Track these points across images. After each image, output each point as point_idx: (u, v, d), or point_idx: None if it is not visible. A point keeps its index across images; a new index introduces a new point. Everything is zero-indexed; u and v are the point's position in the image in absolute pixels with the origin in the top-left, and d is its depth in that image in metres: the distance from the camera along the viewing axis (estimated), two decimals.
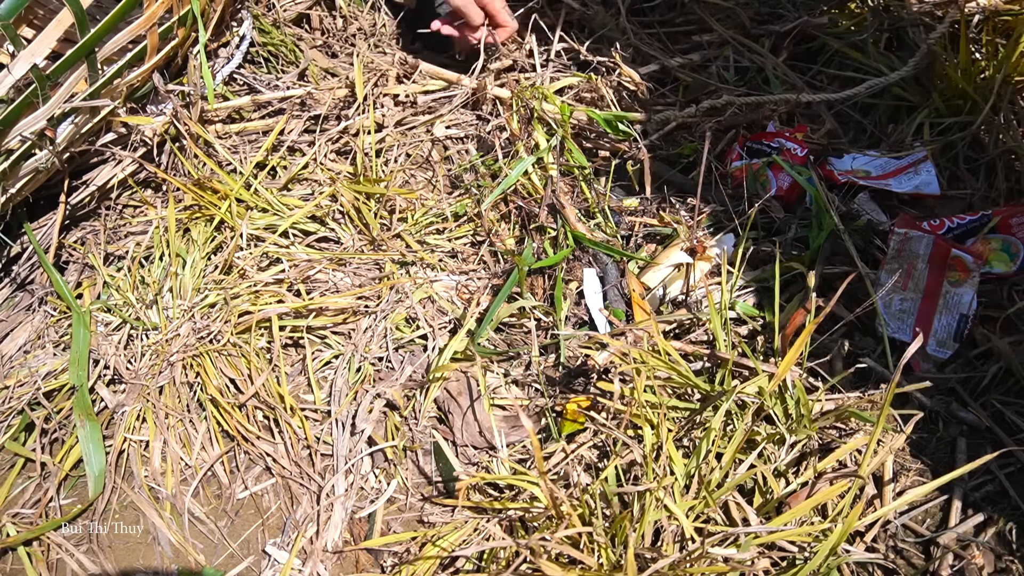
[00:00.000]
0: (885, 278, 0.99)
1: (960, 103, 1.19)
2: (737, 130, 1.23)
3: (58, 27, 0.95)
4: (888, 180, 1.12)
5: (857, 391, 0.94)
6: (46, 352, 1.07)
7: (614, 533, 0.76)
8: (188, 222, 1.17)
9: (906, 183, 1.12)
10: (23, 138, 1.01)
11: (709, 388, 0.89)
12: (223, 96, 1.28)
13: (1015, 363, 0.93)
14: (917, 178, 1.12)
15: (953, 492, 0.89)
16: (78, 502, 0.96)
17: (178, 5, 1.12)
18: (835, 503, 0.84)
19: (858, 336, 1.01)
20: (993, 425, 0.92)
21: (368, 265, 1.13)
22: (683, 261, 1.01)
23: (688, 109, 1.21)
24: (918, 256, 1.00)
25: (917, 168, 1.13)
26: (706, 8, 1.37)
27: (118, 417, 1.01)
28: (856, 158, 1.17)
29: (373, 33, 1.45)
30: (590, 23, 1.37)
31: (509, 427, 0.96)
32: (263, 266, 1.13)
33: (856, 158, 1.17)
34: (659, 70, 1.32)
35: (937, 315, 0.98)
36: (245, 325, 1.04)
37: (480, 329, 0.98)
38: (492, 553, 0.82)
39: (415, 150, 1.27)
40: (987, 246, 1.01)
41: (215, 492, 0.98)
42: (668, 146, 1.24)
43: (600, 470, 0.87)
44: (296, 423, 0.99)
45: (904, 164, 1.14)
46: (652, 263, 1.04)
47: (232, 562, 0.92)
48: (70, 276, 1.16)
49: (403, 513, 0.93)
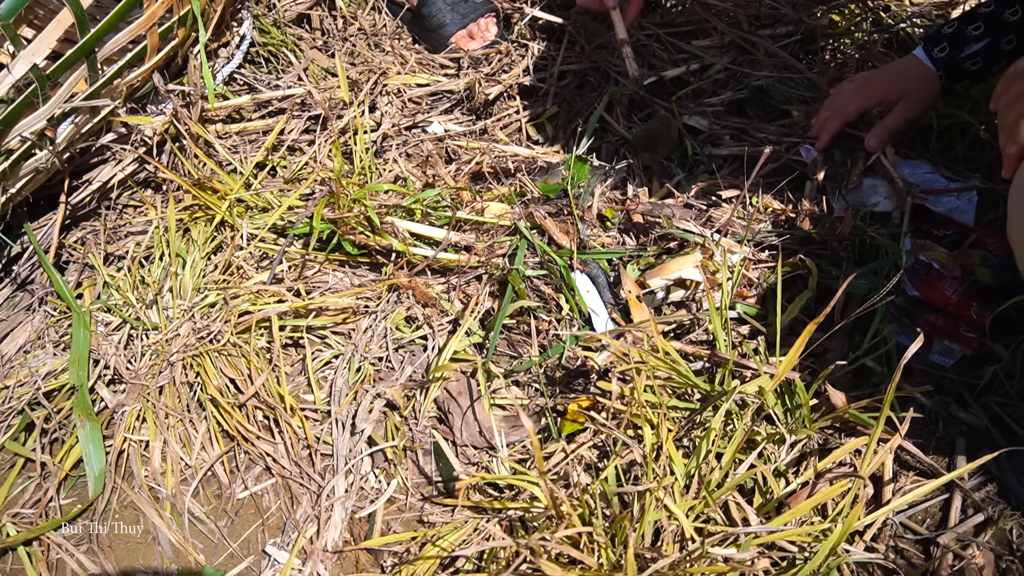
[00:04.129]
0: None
1: (960, 103, 1.19)
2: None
3: (58, 27, 0.96)
4: (928, 196, 1.08)
5: (857, 391, 0.94)
6: (46, 352, 1.07)
7: (614, 533, 0.76)
8: (188, 222, 1.18)
9: (943, 204, 1.09)
10: (23, 138, 1.01)
11: (709, 388, 0.89)
12: (223, 96, 1.28)
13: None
14: (956, 203, 1.09)
15: (953, 492, 0.89)
16: (78, 502, 0.96)
17: (178, 5, 1.12)
18: (835, 503, 0.84)
19: (859, 337, 1.01)
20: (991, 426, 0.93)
21: (368, 265, 1.14)
22: (693, 278, 1.00)
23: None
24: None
25: (960, 194, 1.10)
26: (707, 9, 1.37)
27: (118, 417, 1.01)
28: (904, 166, 1.12)
29: (374, 33, 1.45)
30: (581, 35, 1.37)
31: (509, 427, 0.96)
32: (263, 266, 1.14)
33: (904, 166, 1.12)
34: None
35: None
36: (245, 325, 1.04)
37: (488, 355, 0.99)
38: (492, 553, 0.82)
39: (414, 149, 1.27)
40: (968, 259, 1.02)
41: (215, 492, 0.98)
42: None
43: (600, 470, 0.87)
44: (296, 423, 0.99)
45: (952, 187, 1.10)
46: (659, 269, 1.03)
47: (232, 562, 0.92)
48: (70, 276, 1.16)
49: (403, 513, 0.93)
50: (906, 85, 1.05)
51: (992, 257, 1.02)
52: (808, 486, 0.85)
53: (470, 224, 1.12)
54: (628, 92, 1.25)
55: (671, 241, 1.08)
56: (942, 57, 1.04)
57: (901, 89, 1.06)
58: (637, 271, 1.07)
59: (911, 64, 1.07)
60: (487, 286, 1.06)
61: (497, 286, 1.07)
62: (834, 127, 1.09)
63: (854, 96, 1.09)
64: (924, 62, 1.06)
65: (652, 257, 1.07)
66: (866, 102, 1.08)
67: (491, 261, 1.08)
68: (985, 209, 1.11)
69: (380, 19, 1.48)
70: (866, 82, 1.09)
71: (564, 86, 1.32)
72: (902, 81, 1.06)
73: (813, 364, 0.97)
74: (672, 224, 1.06)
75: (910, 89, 1.05)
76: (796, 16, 1.35)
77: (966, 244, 1.06)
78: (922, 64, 1.06)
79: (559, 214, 1.12)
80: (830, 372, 0.86)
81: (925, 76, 1.05)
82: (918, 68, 1.06)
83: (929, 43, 1.05)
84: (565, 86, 1.32)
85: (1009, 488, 0.88)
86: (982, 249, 1.04)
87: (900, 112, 1.06)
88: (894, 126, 1.06)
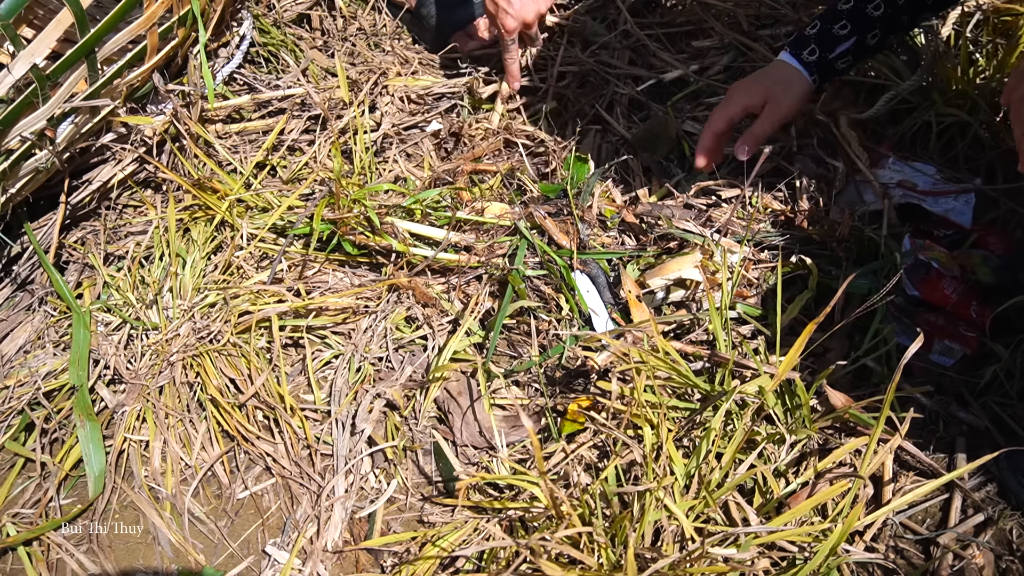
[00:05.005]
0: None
1: (960, 103, 1.19)
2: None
3: (58, 27, 0.96)
4: (926, 197, 1.09)
5: (857, 391, 0.94)
6: (46, 352, 1.07)
7: (614, 533, 0.76)
8: (188, 222, 1.18)
9: (940, 205, 1.09)
10: (23, 138, 1.01)
11: (709, 388, 0.89)
12: (223, 96, 1.28)
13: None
14: (953, 204, 1.09)
15: (953, 492, 0.89)
16: (78, 502, 0.96)
17: (178, 5, 1.12)
18: (835, 503, 0.84)
19: (859, 337, 1.01)
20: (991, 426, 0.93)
21: (368, 265, 1.14)
22: (693, 278, 1.00)
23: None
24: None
25: (957, 196, 1.10)
26: (707, 10, 1.37)
27: (118, 417, 1.01)
28: (905, 167, 1.12)
29: (374, 33, 1.45)
30: (580, 35, 1.37)
31: (509, 427, 0.96)
32: (263, 266, 1.13)
33: (905, 167, 1.12)
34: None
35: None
36: (245, 325, 1.04)
37: (487, 355, 0.98)
38: (492, 553, 0.82)
39: (414, 149, 1.27)
40: (969, 259, 1.02)
41: (215, 492, 0.98)
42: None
43: (600, 470, 0.87)
44: (296, 423, 0.99)
45: (950, 188, 1.11)
46: (659, 269, 1.02)
47: (232, 562, 0.92)
48: (70, 276, 1.16)
49: (403, 513, 0.93)
50: (772, 90, 1.03)
51: (994, 257, 1.02)
52: (808, 486, 0.85)
53: (470, 224, 1.12)
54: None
55: (671, 241, 1.08)
56: (813, 60, 1.02)
57: (766, 95, 1.03)
58: (637, 271, 1.07)
59: (778, 68, 1.04)
60: (487, 286, 1.06)
61: (497, 286, 1.07)
62: (704, 139, 1.06)
63: (721, 108, 1.06)
64: (793, 65, 1.03)
65: (652, 257, 1.07)
66: (732, 111, 1.04)
67: (491, 261, 1.08)
68: (984, 210, 1.11)
69: (380, 19, 1.48)
70: (729, 92, 1.07)
71: (564, 86, 1.32)
72: (767, 87, 1.03)
73: (813, 364, 0.97)
74: (672, 224, 1.06)
75: (775, 93, 1.03)
76: (796, 16, 1.35)
77: (967, 244, 1.06)
78: (790, 67, 1.03)
79: (559, 214, 1.12)
80: (830, 372, 0.86)
81: (790, 79, 1.03)
82: (786, 71, 1.04)
83: (796, 47, 1.03)
84: (565, 86, 1.32)
85: (1009, 488, 0.88)
86: (983, 249, 1.04)
87: (766, 117, 1.03)
88: (762, 132, 1.03)
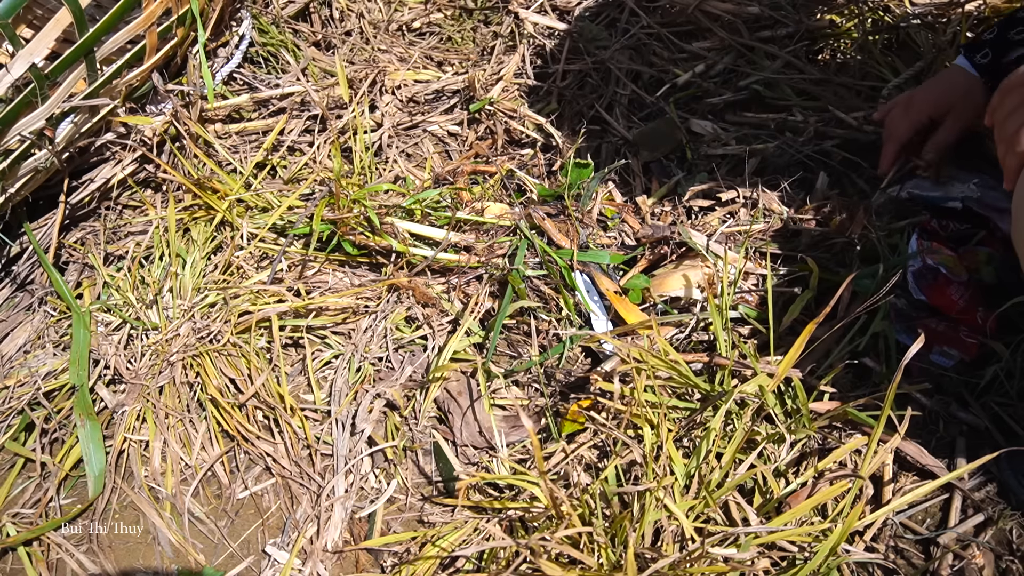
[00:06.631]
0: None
1: None
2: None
3: (57, 26, 0.96)
4: (935, 189, 1.05)
5: (857, 391, 0.94)
6: (46, 352, 1.07)
7: (614, 533, 0.76)
8: (188, 222, 1.17)
9: (952, 190, 1.05)
10: (22, 137, 1.01)
11: (709, 388, 0.89)
12: (222, 96, 1.28)
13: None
14: (963, 190, 1.05)
15: (953, 492, 0.89)
16: (78, 502, 0.96)
17: (177, 5, 1.12)
18: (835, 503, 0.84)
19: (859, 338, 1.00)
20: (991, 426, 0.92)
21: (368, 265, 1.14)
22: (695, 298, 0.99)
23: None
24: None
25: (966, 182, 1.05)
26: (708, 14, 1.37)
27: (118, 417, 1.01)
28: (965, 183, 1.07)
29: (374, 31, 1.45)
30: (581, 39, 1.37)
31: (509, 427, 0.96)
32: (263, 266, 1.13)
33: (965, 183, 1.07)
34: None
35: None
36: (245, 325, 1.04)
37: (487, 355, 0.98)
38: (492, 553, 0.82)
39: (414, 149, 1.27)
40: (975, 257, 1.01)
41: (215, 492, 0.98)
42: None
43: (600, 470, 0.87)
44: (296, 423, 0.99)
45: (959, 177, 1.06)
46: (658, 284, 1.02)
47: (232, 562, 0.92)
48: (70, 276, 1.16)
49: (403, 513, 0.93)
50: (953, 97, 1.04)
51: (997, 255, 1.01)
52: (808, 486, 0.85)
53: (470, 224, 1.12)
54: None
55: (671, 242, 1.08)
56: (985, 63, 1.02)
57: (949, 102, 1.04)
58: (640, 273, 1.06)
59: (955, 74, 1.05)
60: (487, 286, 1.06)
61: (497, 286, 1.07)
62: (890, 151, 1.08)
63: (903, 117, 1.07)
64: (967, 70, 1.04)
65: (650, 257, 1.07)
66: (915, 120, 1.06)
67: (491, 261, 1.08)
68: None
69: (380, 17, 1.48)
70: (911, 100, 1.07)
71: (566, 86, 1.32)
72: (948, 94, 1.04)
73: (813, 364, 0.97)
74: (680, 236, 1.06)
75: (957, 101, 1.04)
76: (796, 17, 1.35)
77: (974, 240, 1.04)
78: (966, 73, 1.04)
79: (559, 215, 1.12)
80: (830, 372, 0.86)
81: (970, 87, 1.03)
82: (963, 77, 1.04)
83: (970, 50, 1.04)
84: (567, 86, 1.32)
85: (1009, 488, 0.88)
86: (989, 247, 1.03)
87: (950, 125, 1.04)
88: (946, 141, 1.04)
